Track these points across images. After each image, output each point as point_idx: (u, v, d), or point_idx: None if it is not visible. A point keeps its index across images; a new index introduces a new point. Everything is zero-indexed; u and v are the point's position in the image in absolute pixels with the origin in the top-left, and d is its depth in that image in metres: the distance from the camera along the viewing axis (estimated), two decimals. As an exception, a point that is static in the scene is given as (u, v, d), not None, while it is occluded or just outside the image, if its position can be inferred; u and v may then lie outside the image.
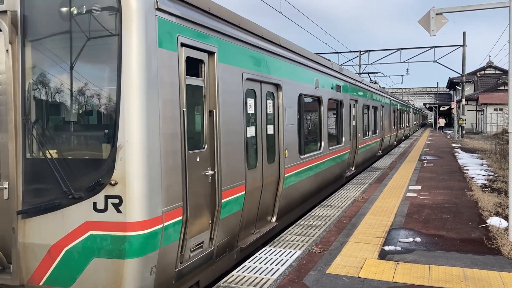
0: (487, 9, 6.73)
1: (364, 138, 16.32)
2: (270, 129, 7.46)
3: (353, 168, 14.95)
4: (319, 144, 10.61)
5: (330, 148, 11.28)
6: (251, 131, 6.72)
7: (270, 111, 7.50)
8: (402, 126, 34.12)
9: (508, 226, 6.78)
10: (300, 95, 9.00)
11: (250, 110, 6.68)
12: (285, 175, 7.87)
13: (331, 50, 48.00)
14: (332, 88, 11.82)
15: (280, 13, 15.29)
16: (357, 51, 40.07)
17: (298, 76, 8.93)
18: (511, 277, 5.15)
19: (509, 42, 6.53)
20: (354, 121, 14.91)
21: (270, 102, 7.52)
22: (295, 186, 8.60)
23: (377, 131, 20.02)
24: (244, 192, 6.23)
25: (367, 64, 39.65)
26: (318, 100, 10.53)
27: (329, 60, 12.44)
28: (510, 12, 6.44)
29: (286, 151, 8.05)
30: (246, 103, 6.48)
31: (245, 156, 6.26)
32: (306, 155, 9.32)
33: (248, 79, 6.52)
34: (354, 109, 15.01)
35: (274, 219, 7.76)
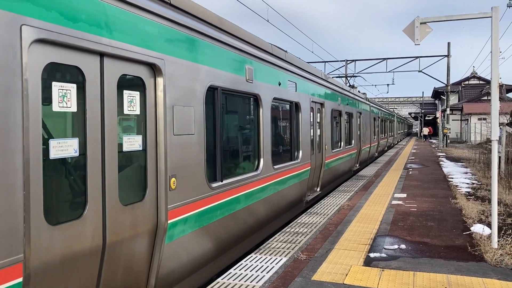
0: (470, 19, 6.86)
1: (334, 151, 13.44)
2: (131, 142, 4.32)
3: (318, 189, 12.05)
4: (255, 162, 7.64)
5: (275, 166, 8.32)
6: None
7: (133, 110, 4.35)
8: (385, 136, 31.12)
9: (491, 233, 6.85)
10: (214, 88, 5.96)
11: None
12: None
13: (317, 59, 48.33)
14: (280, 84, 8.63)
15: (267, 21, 15.36)
16: (344, 61, 40.41)
17: (207, 56, 5.69)
18: (493, 283, 5.20)
19: (491, 53, 6.65)
20: (318, 130, 12.04)
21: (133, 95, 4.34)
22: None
23: (353, 141, 17.10)
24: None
25: (353, 74, 39.98)
26: (254, 98, 7.57)
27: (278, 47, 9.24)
28: (492, 23, 6.56)
29: (173, 179, 4.84)
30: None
31: None
32: (223, 183, 6.14)
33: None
34: (318, 114, 12.10)
35: None
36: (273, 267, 5.74)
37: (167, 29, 4.83)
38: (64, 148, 3.53)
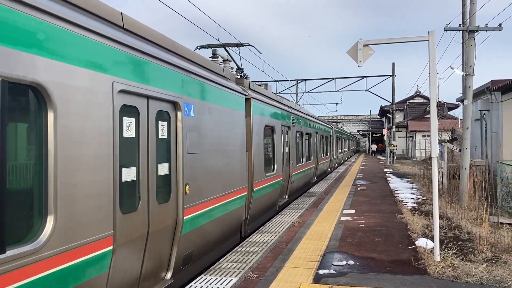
0: (409, 42, 7.22)
1: (267, 175, 11.26)
2: None
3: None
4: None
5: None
6: None
7: None
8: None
9: (433, 247, 7.12)
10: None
11: None
12: None
13: (269, 79, 48.98)
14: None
15: (218, 40, 15.47)
16: (294, 80, 41.22)
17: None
18: (437, 295, 5.39)
19: (429, 74, 7.00)
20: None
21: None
22: None
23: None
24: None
25: (303, 93, 40.81)
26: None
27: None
28: (429, 46, 6.93)
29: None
30: None
31: None
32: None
33: None
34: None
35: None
36: None
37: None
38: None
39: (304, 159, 17.39)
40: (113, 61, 4.74)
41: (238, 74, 11.38)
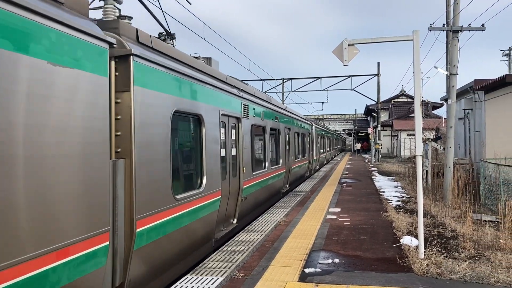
0: (394, 41, 7.26)
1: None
2: None
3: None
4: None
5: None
6: None
7: None
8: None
9: (418, 245, 7.19)
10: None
11: None
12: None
13: (255, 77, 49.00)
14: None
15: (203, 39, 15.42)
16: (280, 79, 41.27)
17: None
18: (421, 292, 5.44)
19: (413, 73, 7.06)
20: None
21: None
22: None
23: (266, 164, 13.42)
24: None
25: (289, 92, 40.90)
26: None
27: None
28: (414, 46, 6.99)
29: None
30: None
31: None
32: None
33: None
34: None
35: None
36: (209, 287, 5.68)
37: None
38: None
39: (267, 163, 12.87)
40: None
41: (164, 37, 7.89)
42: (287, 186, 17.18)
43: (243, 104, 10.40)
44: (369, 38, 7.36)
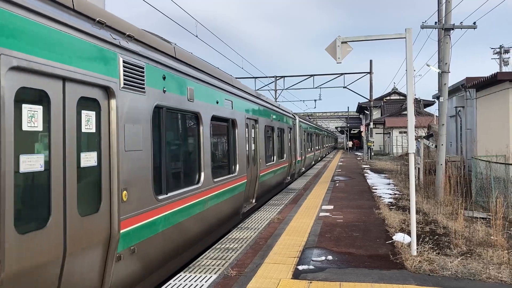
0: (386, 39, 7.29)
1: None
2: None
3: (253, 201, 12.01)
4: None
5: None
6: None
7: None
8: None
9: (410, 242, 7.23)
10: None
11: None
12: None
13: (247, 75, 48.93)
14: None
15: (196, 36, 15.37)
16: (273, 77, 41.26)
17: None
18: (414, 289, 5.48)
19: (406, 71, 7.09)
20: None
21: None
22: None
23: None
24: None
25: (282, 89, 40.91)
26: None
27: None
28: (406, 43, 7.02)
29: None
30: None
31: None
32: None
33: None
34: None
35: None
36: (203, 285, 5.68)
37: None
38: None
39: (209, 174, 8.37)
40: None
41: None
42: (253, 201, 12.38)
43: (163, 77, 6.52)
44: (362, 36, 7.39)
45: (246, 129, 11.60)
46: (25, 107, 3.84)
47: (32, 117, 3.90)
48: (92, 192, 4.74)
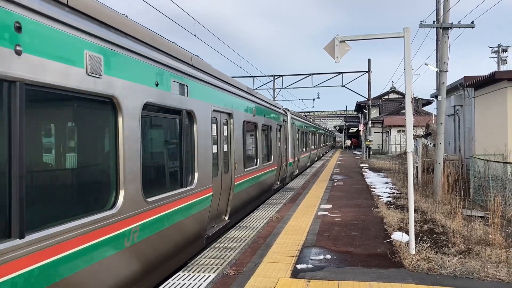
0: (385, 38, 7.29)
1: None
2: None
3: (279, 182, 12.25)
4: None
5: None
6: None
7: None
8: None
9: (409, 240, 7.24)
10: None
11: None
12: None
13: (246, 74, 48.88)
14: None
15: (195, 35, 15.36)
16: (272, 76, 41.24)
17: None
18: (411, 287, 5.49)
19: (404, 70, 7.10)
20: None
21: None
22: None
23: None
24: None
25: (281, 88, 40.90)
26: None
27: None
28: (405, 42, 7.02)
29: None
30: None
31: None
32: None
33: None
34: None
35: None
36: (201, 284, 5.68)
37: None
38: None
39: (137, 193, 5.52)
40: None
41: None
42: (225, 218, 9.90)
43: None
44: (361, 35, 7.39)
45: (214, 125, 9.00)
46: None
47: None
48: None
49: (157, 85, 6.17)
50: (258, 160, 13.03)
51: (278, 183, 16.89)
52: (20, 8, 3.71)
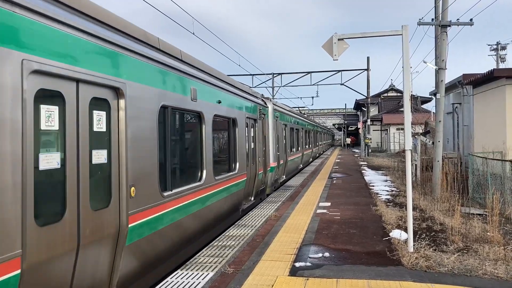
0: (383, 36, 7.29)
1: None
2: None
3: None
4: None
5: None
6: None
7: None
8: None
9: (407, 238, 7.25)
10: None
11: None
12: None
13: (244, 72, 48.86)
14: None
15: (193, 34, 15.34)
16: (271, 74, 41.22)
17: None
18: (409, 285, 5.49)
19: (403, 68, 7.09)
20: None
21: None
22: None
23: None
24: None
25: (280, 86, 40.88)
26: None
27: None
28: (403, 40, 7.01)
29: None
30: None
31: None
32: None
33: None
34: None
35: None
36: (200, 282, 5.68)
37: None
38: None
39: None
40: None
41: None
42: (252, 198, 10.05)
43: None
44: (359, 33, 7.39)
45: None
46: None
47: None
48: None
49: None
50: (203, 173, 8.38)
51: (252, 198, 12.79)
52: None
